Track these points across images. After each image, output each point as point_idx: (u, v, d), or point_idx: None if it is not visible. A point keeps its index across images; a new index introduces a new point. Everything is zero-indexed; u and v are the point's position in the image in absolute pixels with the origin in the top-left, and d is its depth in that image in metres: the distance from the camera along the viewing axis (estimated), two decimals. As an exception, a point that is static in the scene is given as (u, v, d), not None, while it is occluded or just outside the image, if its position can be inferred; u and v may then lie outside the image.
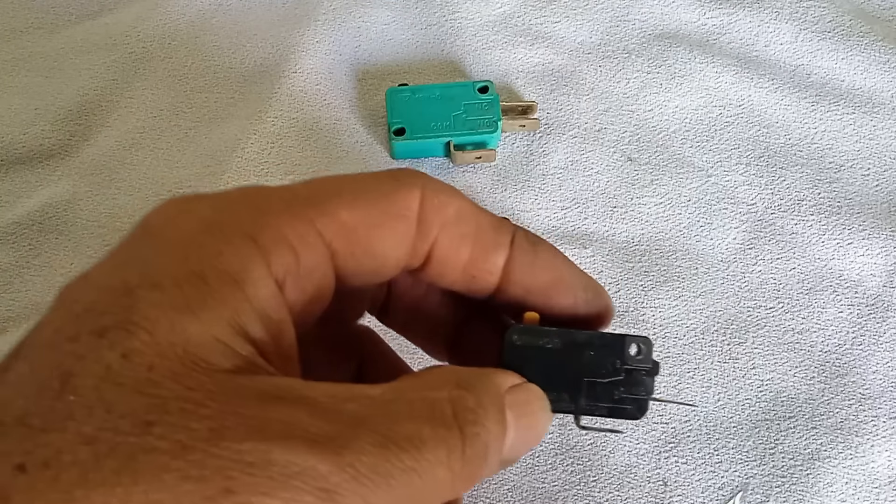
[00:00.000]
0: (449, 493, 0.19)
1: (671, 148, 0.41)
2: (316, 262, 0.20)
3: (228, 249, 0.18)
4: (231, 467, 0.16)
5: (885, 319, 0.37)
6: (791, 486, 0.34)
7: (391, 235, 0.21)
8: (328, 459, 0.17)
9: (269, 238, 0.19)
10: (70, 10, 0.45)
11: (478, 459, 0.19)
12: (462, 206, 0.22)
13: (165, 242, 0.19)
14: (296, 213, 0.20)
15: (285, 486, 0.16)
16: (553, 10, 0.45)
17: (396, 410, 0.18)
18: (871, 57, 0.43)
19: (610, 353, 0.23)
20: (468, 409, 0.19)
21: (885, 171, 0.40)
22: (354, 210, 0.21)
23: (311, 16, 0.44)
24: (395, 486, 0.17)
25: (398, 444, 0.17)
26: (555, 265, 0.24)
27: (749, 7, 0.45)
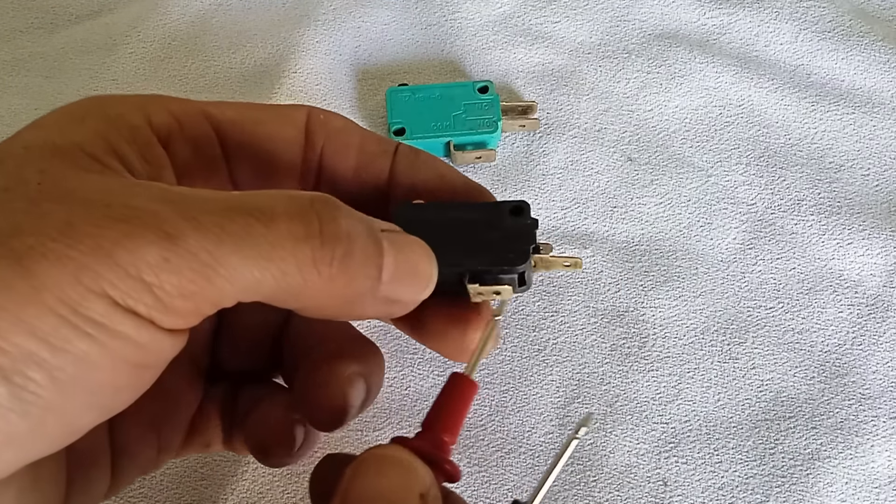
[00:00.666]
0: (316, 282, 0.18)
1: (671, 148, 0.41)
2: (201, 133, 0.23)
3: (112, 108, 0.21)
4: (75, 207, 0.17)
5: (885, 319, 0.37)
6: (791, 486, 0.34)
7: (278, 135, 0.24)
8: (169, 207, 0.17)
9: (154, 107, 0.22)
10: (70, 10, 0.45)
11: (340, 244, 0.19)
12: (347, 123, 0.25)
13: (59, 108, 0.21)
14: (183, 100, 0.23)
15: (124, 222, 0.17)
16: (553, 10, 0.45)
17: (254, 195, 0.19)
18: (871, 57, 0.43)
19: (490, 215, 0.24)
20: (329, 201, 0.19)
21: (885, 171, 0.40)
22: (242, 112, 0.24)
23: (311, 16, 0.44)
24: (244, 247, 0.17)
25: (248, 212, 0.18)
26: (435, 165, 0.26)
27: (749, 7, 0.45)
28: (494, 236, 0.24)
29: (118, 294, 0.16)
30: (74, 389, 0.17)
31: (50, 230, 0.16)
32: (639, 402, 0.35)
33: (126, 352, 0.17)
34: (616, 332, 0.37)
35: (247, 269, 0.17)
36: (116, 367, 0.17)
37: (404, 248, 0.21)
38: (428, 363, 0.36)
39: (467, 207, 0.24)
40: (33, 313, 0.16)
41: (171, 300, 0.17)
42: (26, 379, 0.16)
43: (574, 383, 0.36)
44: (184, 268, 0.17)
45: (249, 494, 0.33)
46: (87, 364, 0.17)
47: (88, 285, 0.16)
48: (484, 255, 0.23)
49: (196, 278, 0.17)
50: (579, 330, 0.37)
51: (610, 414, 0.35)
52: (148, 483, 0.33)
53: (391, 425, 0.34)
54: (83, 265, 0.16)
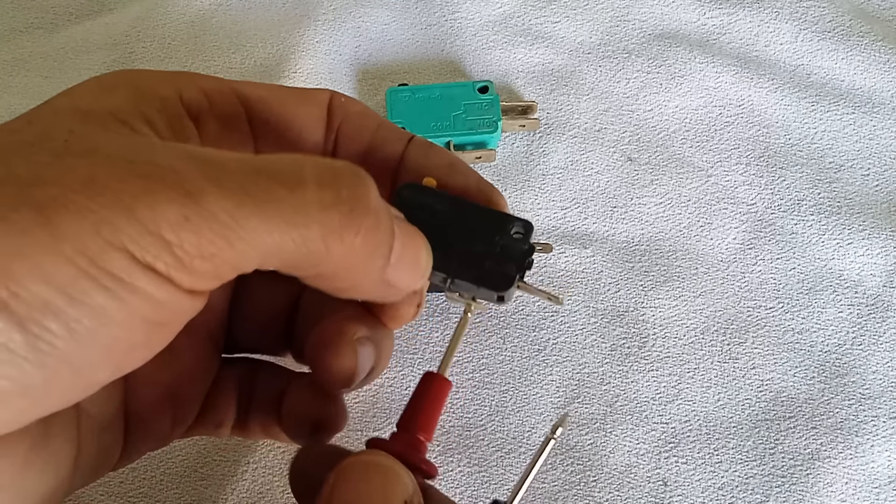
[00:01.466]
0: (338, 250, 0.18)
1: (671, 148, 0.41)
2: (230, 110, 0.23)
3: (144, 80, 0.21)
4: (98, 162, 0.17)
5: (885, 319, 0.37)
6: (791, 486, 0.34)
7: (304, 114, 0.25)
8: (192, 165, 0.17)
9: (185, 82, 0.22)
10: (70, 10, 0.45)
11: (369, 216, 0.18)
12: (368, 110, 0.26)
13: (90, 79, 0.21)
14: (214, 78, 0.23)
15: (145, 177, 0.16)
16: (553, 10, 0.45)
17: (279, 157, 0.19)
18: (871, 57, 0.43)
19: (492, 226, 0.23)
20: (357, 172, 0.19)
21: (885, 171, 0.40)
22: (270, 90, 0.24)
23: (311, 16, 0.44)
24: (267, 210, 0.17)
25: (273, 176, 0.17)
26: (449, 157, 0.26)
27: (749, 7, 0.45)
28: (488, 251, 0.23)
29: (137, 249, 0.16)
30: (90, 342, 0.16)
31: (72, 182, 0.16)
32: (639, 402, 0.35)
33: (143, 308, 0.17)
34: (616, 332, 0.37)
35: (268, 233, 0.17)
36: (133, 324, 0.17)
37: (410, 235, 0.21)
38: (427, 363, 0.36)
39: (473, 209, 0.23)
40: (51, 262, 0.15)
41: (191, 260, 0.17)
42: (42, 328, 0.16)
43: (574, 383, 0.36)
44: (203, 228, 0.16)
45: (249, 494, 0.33)
46: (104, 318, 0.16)
47: (108, 238, 0.16)
48: (471, 268, 0.23)
49: (216, 239, 0.17)
50: (579, 330, 0.37)
51: (610, 414, 0.35)
52: (148, 483, 0.33)
53: (391, 425, 0.34)
54: (103, 218, 0.16)
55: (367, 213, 0.18)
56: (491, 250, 0.23)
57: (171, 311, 0.18)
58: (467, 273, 0.22)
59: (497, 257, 0.23)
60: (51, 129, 0.18)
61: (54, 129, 0.18)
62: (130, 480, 0.33)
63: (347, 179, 0.19)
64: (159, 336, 0.18)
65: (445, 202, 0.23)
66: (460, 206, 0.23)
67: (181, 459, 0.34)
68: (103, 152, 0.17)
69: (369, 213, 0.19)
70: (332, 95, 0.25)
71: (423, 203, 0.23)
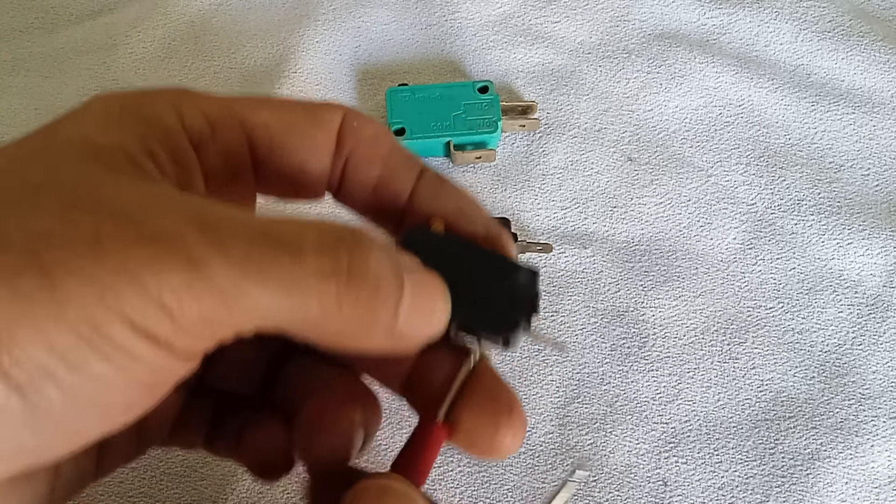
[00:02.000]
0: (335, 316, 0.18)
1: (671, 148, 0.41)
2: (232, 140, 0.22)
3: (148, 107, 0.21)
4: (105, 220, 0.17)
5: (885, 319, 0.37)
6: (791, 486, 0.34)
7: (310, 142, 0.23)
8: (200, 233, 0.17)
9: (187, 107, 0.22)
10: (70, 10, 0.45)
11: (367, 285, 0.18)
12: (380, 132, 0.25)
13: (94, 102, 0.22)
14: (218, 100, 0.23)
15: (151, 244, 0.17)
16: (553, 10, 0.45)
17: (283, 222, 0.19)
18: (871, 57, 0.43)
19: (499, 273, 0.23)
20: (361, 236, 0.19)
21: (885, 171, 0.40)
22: (277, 114, 0.23)
23: (311, 16, 0.44)
24: (268, 279, 0.17)
25: (276, 243, 0.18)
26: (460, 197, 0.25)
27: (749, 7, 0.45)
28: (495, 296, 0.23)
29: (139, 317, 0.16)
30: (87, 408, 0.17)
31: (79, 243, 0.16)
32: (639, 402, 0.35)
33: (141, 374, 0.17)
34: (616, 332, 0.37)
35: (268, 301, 0.17)
36: (130, 388, 0.17)
37: (424, 285, 0.21)
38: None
39: (481, 255, 0.23)
40: (55, 329, 0.16)
41: (191, 326, 0.17)
42: (41, 395, 0.16)
43: (574, 383, 0.36)
44: (206, 295, 0.17)
45: (249, 494, 0.33)
46: (102, 384, 0.17)
47: (111, 306, 0.16)
48: (477, 314, 0.22)
49: (217, 306, 0.17)
50: (579, 330, 0.37)
51: (610, 414, 0.35)
52: (148, 482, 0.33)
53: (391, 425, 0.34)
54: (108, 286, 0.16)
55: (365, 281, 0.18)
56: (497, 296, 0.23)
57: (168, 374, 0.18)
58: (473, 319, 0.22)
59: (504, 303, 0.23)
60: (60, 169, 0.18)
61: (63, 170, 0.18)
62: (130, 480, 0.33)
63: (347, 246, 0.18)
64: (154, 395, 0.18)
65: (453, 247, 0.23)
66: (468, 252, 0.23)
67: (181, 459, 0.34)
68: (110, 207, 0.17)
69: (367, 281, 0.18)
70: (345, 116, 0.24)
71: (430, 247, 0.23)
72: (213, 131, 0.22)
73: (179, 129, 0.21)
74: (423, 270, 0.21)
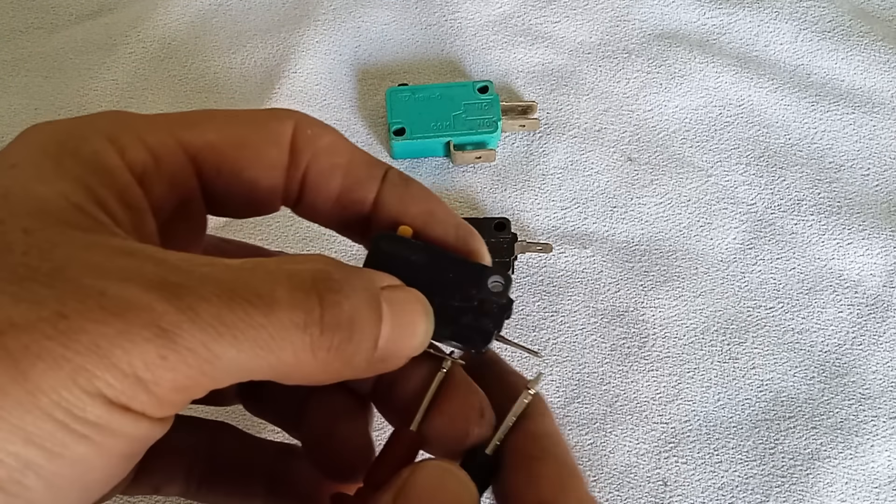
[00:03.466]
0: (310, 363, 0.18)
1: (671, 148, 0.41)
2: (178, 170, 0.21)
3: (85, 144, 0.19)
4: (65, 296, 0.16)
5: (885, 319, 0.37)
6: (791, 486, 0.34)
7: (261, 159, 0.22)
8: (165, 299, 0.16)
9: (126, 140, 0.20)
10: (70, 10, 0.45)
11: (341, 331, 0.18)
12: (336, 140, 0.23)
13: (29, 141, 0.20)
14: (158, 125, 0.21)
15: (119, 318, 0.16)
16: (553, 10, 0.45)
17: (252, 272, 0.18)
18: (871, 57, 0.43)
19: (469, 280, 0.23)
20: (331, 279, 0.18)
21: (885, 171, 0.40)
22: (222, 132, 0.22)
23: (311, 16, 0.44)
24: (243, 340, 0.17)
25: (247, 299, 0.17)
26: (427, 200, 0.24)
27: (749, 7, 0.45)
28: (466, 306, 0.22)
29: (113, 393, 0.16)
30: (68, 489, 0.17)
31: (43, 325, 0.16)
32: (639, 402, 0.35)
33: (119, 447, 0.17)
34: (616, 332, 0.37)
35: (243, 360, 0.17)
36: (110, 462, 0.17)
37: (403, 308, 0.20)
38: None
39: (450, 260, 0.23)
40: (29, 420, 0.15)
41: (167, 394, 0.17)
42: (22, 487, 0.16)
43: (574, 383, 0.36)
44: (180, 364, 0.16)
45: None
46: (82, 465, 0.17)
47: (84, 387, 0.16)
48: (448, 324, 0.22)
49: (192, 373, 0.17)
50: (579, 330, 0.37)
51: (610, 414, 0.35)
52: (148, 483, 0.33)
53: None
54: (79, 366, 0.16)
55: (338, 328, 0.18)
56: (468, 305, 0.22)
57: (146, 440, 0.18)
58: (444, 329, 0.22)
59: (474, 312, 0.22)
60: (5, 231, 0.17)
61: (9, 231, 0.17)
62: (130, 480, 0.33)
63: (319, 292, 0.18)
64: (131, 462, 0.18)
65: (422, 253, 0.23)
66: (437, 258, 0.23)
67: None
68: (69, 277, 0.17)
69: (340, 328, 0.18)
70: (297, 125, 0.22)
71: (399, 255, 0.22)
72: (156, 162, 0.21)
73: (122, 167, 0.20)
74: (401, 291, 0.20)
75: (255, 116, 0.22)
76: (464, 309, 0.22)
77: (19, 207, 0.18)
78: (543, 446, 0.22)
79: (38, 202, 0.18)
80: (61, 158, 0.19)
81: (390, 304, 0.20)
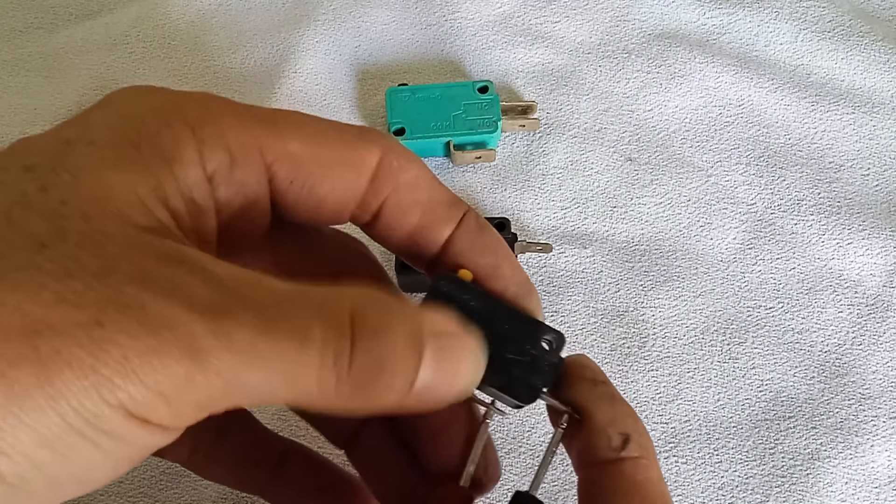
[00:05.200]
0: (333, 399, 0.18)
1: (671, 148, 0.41)
2: (251, 174, 0.21)
3: (167, 131, 0.19)
4: (106, 303, 0.16)
5: (885, 319, 0.37)
6: (791, 486, 0.34)
7: (337, 180, 0.22)
8: (204, 322, 0.16)
9: (208, 133, 0.20)
10: (70, 10, 0.45)
11: (368, 375, 0.18)
12: (420, 175, 0.23)
13: (113, 113, 0.20)
14: (244, 124, 0.21)
15: (153, 335, 0.16)
16: (553, 10, 0.45)
17: (293, 303, 0.18)
18: (871, 57, 0.43)
19: (524, 334, 0.23)
20: (369, 321, 0.18)
21: (885, 171, 0.40)
22: (306, 146, 0.21)
23: (311, 16, 0.44)
24: (272, 371, 0.17)
25: (283, 331, 0.17)
26: (496, 252, 0.23)
27: (749, 7, 0.45)
28: (518, 359, 0.22)
29: (134, 406, 0.16)
30: (68, 485, 0.17)
31: (78, 332, 0.16)
32: (639, 402, 0.35)
33: (128, 453, 0.17)
34: (616, 332, 0.37)
35: (267, 385, 0.17)
36: (115, 466, 0.17)
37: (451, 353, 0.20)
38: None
39: (507, 311, 0.23)
40: (45, 424, 0.16)
41: (186, 410, 0.17)
42: (24, 481, 0.16)
43: (574, 383, 0.36)
44: (206, 385, 0.16)
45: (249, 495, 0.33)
46: (88, 467, 0.17)
47: (106, 398, 0.16)
48: (498, 374, 0.22)
49: (216, 394, 0.17)
50: (579, 330, 0.37)
51: (610, 414, 0.35)
52: (148, 482, 0.33)
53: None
54: (105, 378, 0.16)
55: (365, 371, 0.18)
56: (520, 358, 0.22)
57: (154, 447, 0.18)
58: (493, 378, 0.22)
59: (526, 367, 0.22)
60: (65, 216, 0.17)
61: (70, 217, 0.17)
62: (130, 480, 0.33)
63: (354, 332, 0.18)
64: (135, 463, 0.18)
65: (481, 300, 0.23)
66: (495, 307, 0.23)
67: (181, 459, 0.34)
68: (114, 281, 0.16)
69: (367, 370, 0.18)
70: (383, 156, 0.22)
71: (456, 297, 0.22)
72: (231, 162, 0.20)
73: (197, 163, 0.20)
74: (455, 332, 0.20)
75: (344, 135, 0.22)
76: (516, 362, 0.22)
77: (86, 191, 0.18)
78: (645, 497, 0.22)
79: (106, 189, 0.18)
80: (141, 145, 0.19)
81: (437, 349, 0.19)
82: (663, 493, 0.22)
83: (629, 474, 0.22)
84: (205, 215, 0.20)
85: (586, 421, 0.23)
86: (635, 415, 0.23)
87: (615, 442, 0.22)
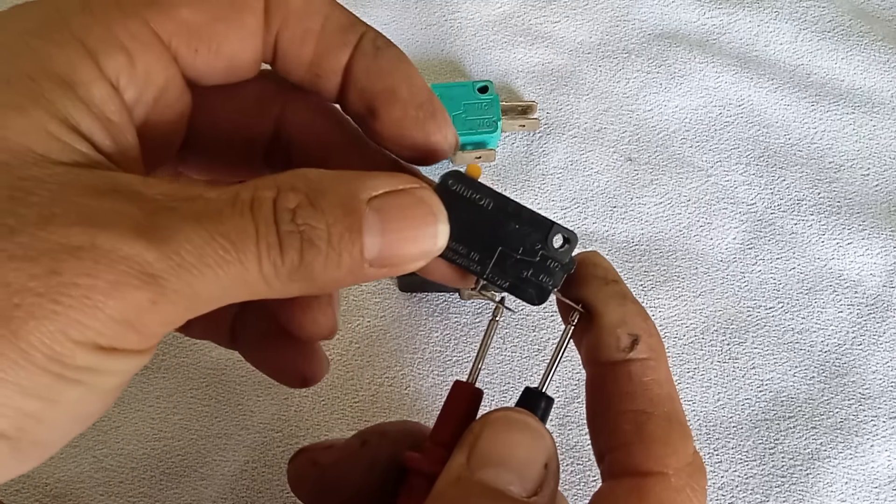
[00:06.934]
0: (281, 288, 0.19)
1: (671, 148, 0.41)
2: (154, 62, 0.20)
3: (59, 52, 0.19)
4: (58, 250, 0.16)
5: (885, 319, 0.37)
6: (791, 486, 0.34)
7: (238, 29, 0.21)
8: (153, 247, 0.17)
9: (99, 39, 0.19)
10: None
11: (300, 258, 0.18)
12: (310, 1, 0.22)
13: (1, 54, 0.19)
14: (127, 12, 0.20)
15: (110, 270, 0.17)
16: (553, 10, 0.45)
17: (226, 207, 0.18)
18: (871, 57, 0.43)
19: (535, 233, 0.23)
20: (285, 209, 0.18)
21: (885, 171, 0.40)
22: (196, 9, 0.20)
23: (311, 16, 0.44)
24: (222, 276, 0.18)
25: (224, 237, 0.18)
26: (393, 74, 0.22)
27: (749, 7, 0.45)
28: (528, 260, 0.22)
29: (104, 339, 0.17)
30: (66, 424, 0.18)
31: (35, 283, 0.16)
32: (639, 401, 0.35)
33: (110, 382, 0.18)
34: (616, 331, 0.37)
35: (222, 290, 0.18)
36: (103, 396, 0.18)
37: (399, 213, 0.19)
38: (428, 363, 0.36)
39: (519, 209, 0.22)
40: (24, 376, 0.16)
41: (154, 332, 0.18)
42: (23, 432, 0.17)
43: (574, 383, 0.36)
44: (167, 305, 0.17)
45: (249, 493, 0.33)
46: (79, 406, 0.18)
47: (75, 338, 0.16)
48: (507, 276, 0.22)
49: (178, 310, 0.18)
50: (579, 330, 0.37)
51: (610, 414, 0.35)
52: (148, 482, 0.33)
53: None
54: (71, 319, 0.16)
55: (294, 253, 0.18)
56: (531, 258, 0.22)
57: (133, 370, 0.18)
58: (504, 278, 0.22)
59: (535, 267, 0.22)
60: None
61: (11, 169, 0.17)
62: (130, 480, 0.33)
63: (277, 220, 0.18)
64: (122, 387, 0.19)
65: (490, 198, 0.22)
66: (506, 205, 0.22)
67: (181, 459, 0.34)
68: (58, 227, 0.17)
69: (296, 253, 0.18)
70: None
71: (467, 196, 0.22)
72: (131, 60, 0.19)
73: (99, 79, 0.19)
74: (403, 194, 0.20)
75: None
76: (525, 262, 0.22)
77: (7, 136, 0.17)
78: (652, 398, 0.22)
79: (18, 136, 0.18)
80: (35, 75, 0.18)
81: (381, 212, 0.19)
82: (670, 395, 0.22)
83: (636, 375, 0.22)
84: (122, 128, 0.20)
85: (596, 320, 0.22)
86: (646, 314, 0.23)
87: (624, 342, 0.22)
